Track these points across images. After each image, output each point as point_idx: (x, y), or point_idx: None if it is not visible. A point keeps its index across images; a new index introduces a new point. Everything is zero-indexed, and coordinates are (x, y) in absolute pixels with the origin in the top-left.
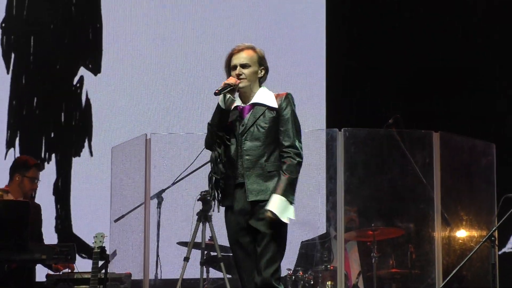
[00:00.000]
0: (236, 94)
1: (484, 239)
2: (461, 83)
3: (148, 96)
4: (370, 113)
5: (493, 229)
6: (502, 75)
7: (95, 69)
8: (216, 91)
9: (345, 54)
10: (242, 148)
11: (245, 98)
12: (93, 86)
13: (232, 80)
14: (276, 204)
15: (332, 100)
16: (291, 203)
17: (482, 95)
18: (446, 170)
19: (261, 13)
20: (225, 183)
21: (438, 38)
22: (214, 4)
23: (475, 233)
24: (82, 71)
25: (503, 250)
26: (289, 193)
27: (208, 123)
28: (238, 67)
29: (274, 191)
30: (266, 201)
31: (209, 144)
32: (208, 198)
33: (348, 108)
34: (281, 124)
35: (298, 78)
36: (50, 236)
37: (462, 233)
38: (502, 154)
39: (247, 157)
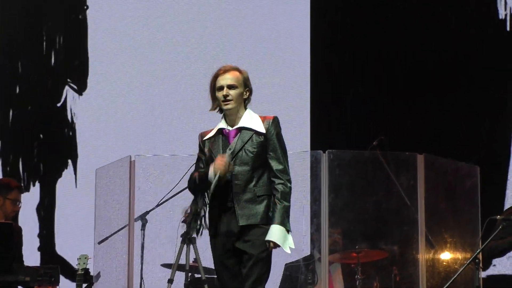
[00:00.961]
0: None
1: (468, 261)
2: (446, 105)
3: (132, 118)
4: (354, 135)
5: (478, 251)
6: (486, 98)
7: (80, 90)
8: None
9: (330, 76)
10: (231, 173)
11: (231, 121)
12: (78, 108)
13: (221, 166)
14: (277, 235)
15: (316, 122)
16: (289, 231)
17: (467, 116)
18: (431, 192)
19: (244, 33)
20: (212, 209)
21: (422, 61)
22: (197, 25)
23: (459, 255)
24: (67, 92)
25: (487, 272)
26: (286, 221)
27: (189, 182)
28: (225, 88)
29: (272, 221)
30: (255, 225)
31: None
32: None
33: (332, 130)
34: (270, 148)
35: (282, 100)
36: (33, 258)
37: (446, 255)
38: (487, 176)
39: (236, 182)
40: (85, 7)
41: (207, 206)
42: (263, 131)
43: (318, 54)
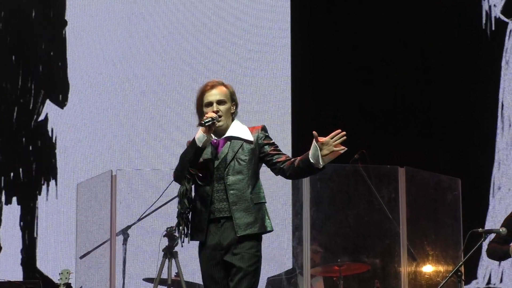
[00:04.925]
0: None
1: (451, 274)
2: (427, 118)
3: (114, 132)
4: None
5: (460, 264)
6: (468, 110)
7: (61, 106)
8: (201, 122)
9: (311, 88)
10: (225, 183)
11: (219, 132)
12: (58, 123)
13: (213, 114)
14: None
15: (297, 135)
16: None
17: (448, 129)
18: (412, 205)
19: (225, 48)
20: (198, 219)
21: (404, 73)
22: (177, 39)
23: (441, 268)
24: (48, 107)
25: (469, 285)
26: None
27: (181, 156)
28: (215, 104)
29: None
30: (254, 234)
31: (178, 178)
32: (174, 233)
33: None
34: (268, 147)
35: (264, 113)
36: (15, 273)
37: (428, 268)
38: (468, 189)
39: (232, 191)
40: (65, 23)
41: (190, 212)
42: (252, 139)
43: (299, 69)
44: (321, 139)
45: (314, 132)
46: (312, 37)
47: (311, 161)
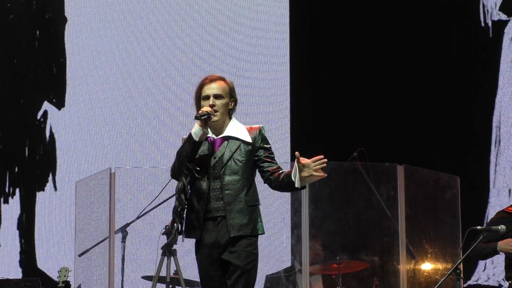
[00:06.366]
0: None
1: (449, 272)
2: (426, 116)
3: (112, 130)
4: (334, 147)
5: (459, 261)
6: (466, 108)
7: (59, 104)
8: (197, 115)
9: (310, 86)
10: (221, 182)
11: (216, 130)
12: (57, 121)
13: (208, 108)
14: None
15: (296, 133)
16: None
17: (447, 126)
18: (411, 203)
19: (225, 45)
20: (194, 216)
21: (403, 72)
22: (175, 38)
23: (440, 266)
24: (46, 105)
25: (468, 282)
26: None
27: (178, 153)
28: (212, 98)
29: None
30: (246, 236)
31: (176, 174)
32: (170, 229)
33: (312, 142)
34: (263, 153)
35: (262, 113)
36: (14, 271)
37: (427, 266)
38: (467, 186)
39: (227, 191)
40: (64, 21)
41: (185, 209)
42: (250, 140)
43: (298, 67)
44: (303, 160)
45: (296, 153)
46: (310, 34)
47: (292, 179)
